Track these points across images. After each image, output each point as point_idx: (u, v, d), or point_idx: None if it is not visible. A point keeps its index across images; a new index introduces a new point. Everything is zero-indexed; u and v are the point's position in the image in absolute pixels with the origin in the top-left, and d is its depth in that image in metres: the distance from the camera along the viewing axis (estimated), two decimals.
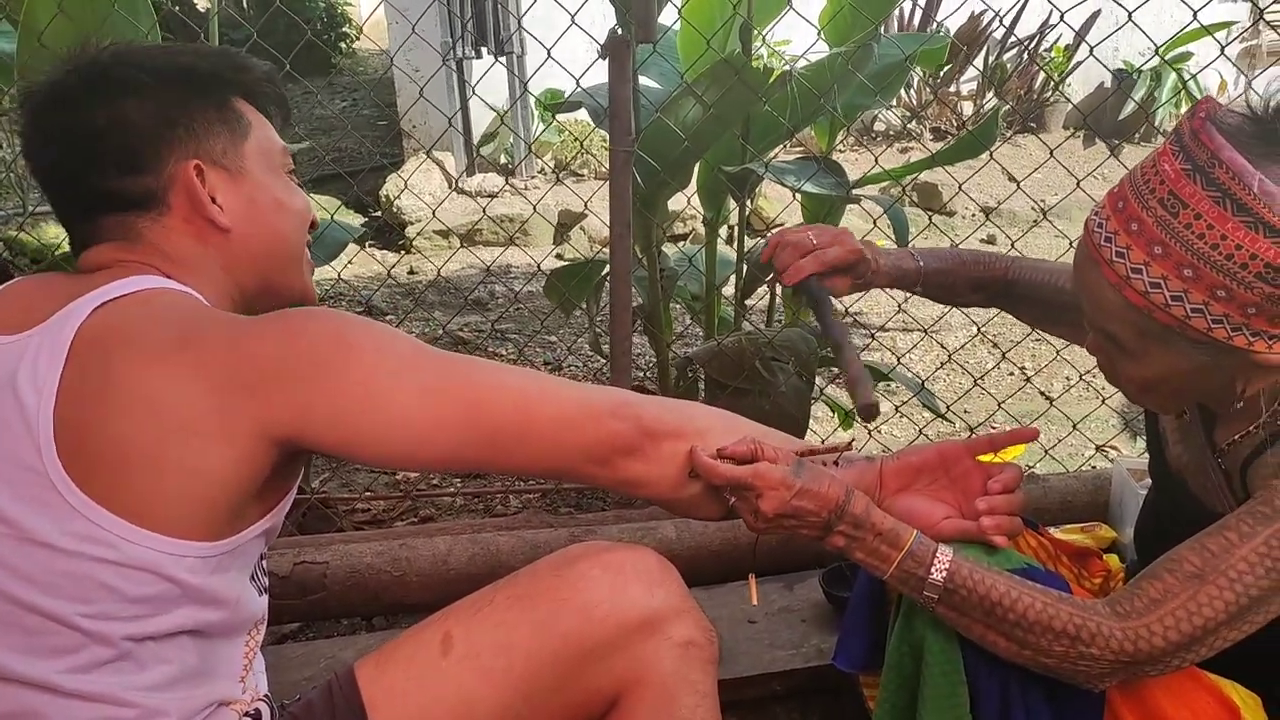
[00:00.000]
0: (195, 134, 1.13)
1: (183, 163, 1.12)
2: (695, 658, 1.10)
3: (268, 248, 1.18)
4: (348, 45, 9.37)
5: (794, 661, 1.73)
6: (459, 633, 1.06)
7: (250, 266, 1.17)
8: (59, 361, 0.97)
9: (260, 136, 1.19)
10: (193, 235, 1.13)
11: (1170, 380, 1.12)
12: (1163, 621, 1.06)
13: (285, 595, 1.85)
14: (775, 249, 1.44)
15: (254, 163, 1.17)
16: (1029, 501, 2.09)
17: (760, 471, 1.11)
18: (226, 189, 1.15)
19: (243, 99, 1.20)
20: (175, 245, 1.12)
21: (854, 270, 1.44)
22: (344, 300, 4.39)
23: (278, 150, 1.22)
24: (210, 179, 1.14)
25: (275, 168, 1.20)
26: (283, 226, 1.19)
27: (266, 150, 1.20)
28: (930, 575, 1.11)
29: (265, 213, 1.17)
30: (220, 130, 1.15)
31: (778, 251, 1.43)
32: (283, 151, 1.23)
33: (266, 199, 1.18)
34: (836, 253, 1.41)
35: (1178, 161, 1.03)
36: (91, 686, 0.95)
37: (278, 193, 1.19)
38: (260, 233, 1.17)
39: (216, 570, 1.01)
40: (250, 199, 1.16)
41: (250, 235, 1.16)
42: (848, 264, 1.42)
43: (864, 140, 6.60)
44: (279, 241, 1.19)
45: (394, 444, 1.03)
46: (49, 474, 0.94)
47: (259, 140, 1.19)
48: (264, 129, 1.21)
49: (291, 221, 1.20)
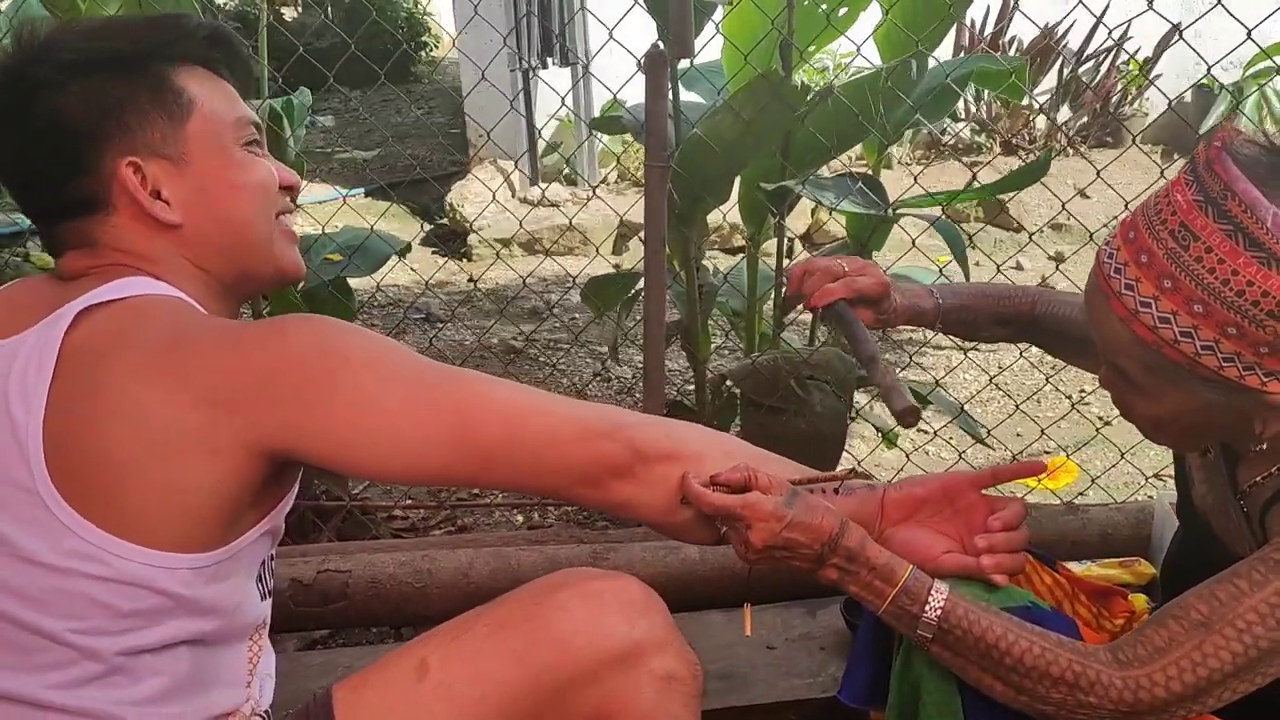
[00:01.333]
0: (128, 126, 1.07)
1: (118, 160, 1.06)
2: (677, 691, 1.07)
3: (228, 235, 1.12)
4: (427, 54, 9.50)
5: (810, 691, 1.70)
6: (435, 660, 1.05)
7: (215, 256, 1.12)
8: (47, 373, 0.97)
9: (206, 113, 1.10)
10: (145, 233, 1.08)
11: (1181, 419, 1.08)
12: (1165, 671, 1.02)
13: (308, 603, 1.87)
14: (803, 275, 1.42)
15: (199, 146, 1.10)
16: (1067, 534, 2.04)
17: (750, 502, 1.09)
18: (172, 180, 1.08)
19: (184, 69, 1.11)
20: (133, 244, 1.08)
21: (878, 305, 1.41)
22: (401, 306, 4.45)
23: (229, 123, 1.12)
24: (152, 172, 1.08)
25: (226, 145, 1.12)
26: (240, 210, 1.12)
27: (214, 129, 1.11)
28: (924, 613, 1.08)
29: (218, 199, 1.10)
30: (156, 116, 1.08)
31: (806, 277, 1.42)
32: (236, 123, 1.13)
33: (217, 184, 1.10)
34: (868, 282, 1.39)
35: (1190, 192, 0.99)
36: (81, 702, 0.96)
37: (229, 174, 1.11)
38: (215, 220, 1.11)
39: (213, 579, 1.01)
40: (199, 188, 1.10)
41: (206, 226, 1.10)
42: (876, 296, 1.40)
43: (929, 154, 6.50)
44: (239, 227, 1.12)
45: (382, 459, 1.02)
46: (39, 491, 0.94)
47: (204, 118, 1.10)
48: (212, 101, 1.11)
49: (250, 203, 1.13)
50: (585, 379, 3.73)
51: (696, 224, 2.35)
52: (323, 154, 6.99)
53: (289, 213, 1.19)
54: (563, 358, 3.96)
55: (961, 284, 1.53)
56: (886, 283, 1.40)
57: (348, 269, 2.32)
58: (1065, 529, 2.03)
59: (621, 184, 6.26)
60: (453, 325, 4.30)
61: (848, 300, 1.39)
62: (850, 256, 1.45)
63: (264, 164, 1.15)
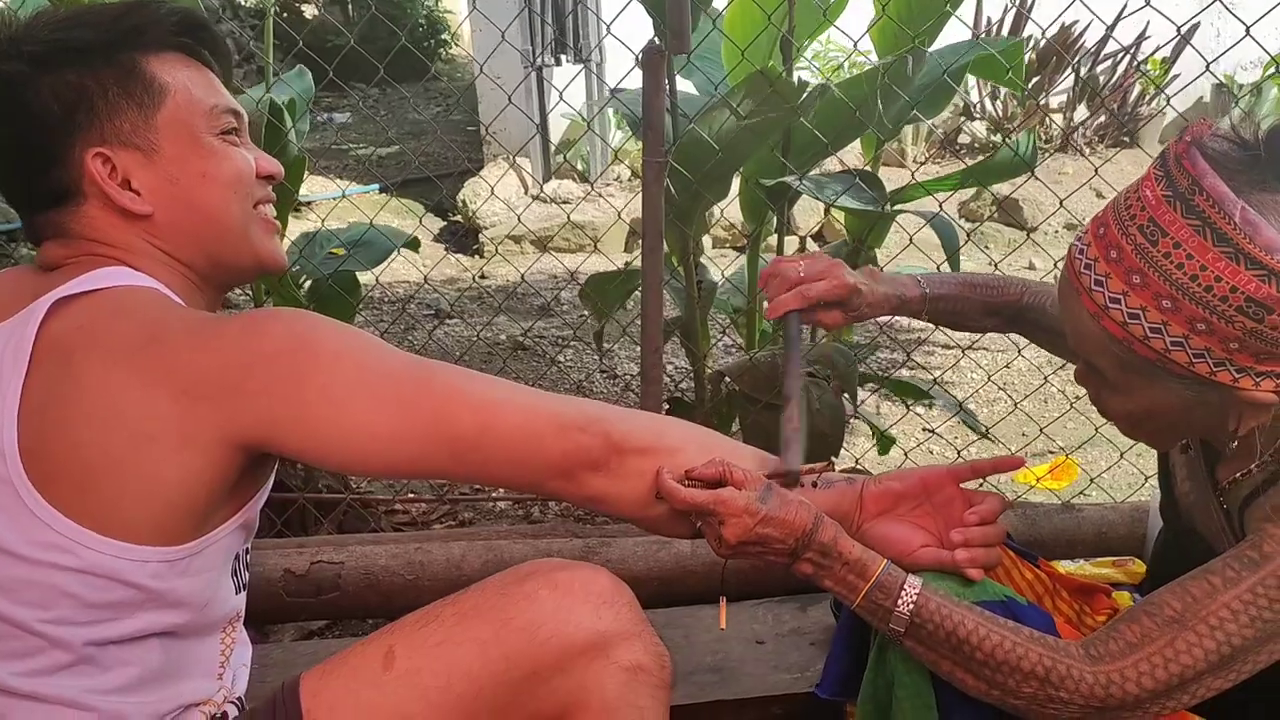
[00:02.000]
0: (96, 117, 1.06)
1: (85, 151, 1.06)
2: (643, 682, 1.06)
3: (200, 226, 1.11)
4: (445, 52, 9.53)
5: (797, 685, 1.70)
6: (401, 648, 1.04)
7: (188, 246, 1.11)
8: (22, 364, 0.97)
9: (178, 102, 1.09)
10: (117, 223, 1.09)
11: (1155, 415, 1.07)
12: (1137, 667, 1.01)
13: (301, 594, 1.89)
14: (767, 279, 1.40)
15: (170, 135, 1.09)
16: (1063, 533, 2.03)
17: (723, 497, 1.09)
18: (142, 170, 1.08)
19: (158, 56, 1.10)
20: (106, 234, 1.08)
21: (845, 304, 1.38)
22: (412, 301, 4.47)
23: (203, 111, 1.11)
24: (122, 162, 1.07)
25: (199, 133, 1.10)
26: (212, 201, 1.11)
27: (186, 117, 1.10)
28: (897, 607, 1.08)
29: (189, 190, 1.10)
30: (126, 106, 1.07)
31: (769, 282, 1.40)
32: (210, 112, 1.11)
33: (188, 174, 1.09)
34: (822, 288, 1.35)
35: (1159, 187, 0.99)
36: (49, 689, 0.97)
37: (202, 164, 1.10)
38: (186, 211, 1.10)
39: (185, 572, 1.02)
40: (170, 178, 1.09)
41: (177, 216, 1.09)
42: (836, 299, 1.36)
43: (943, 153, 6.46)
44: (211, 217, 1.11)
45: (354, 451, 1.02)
46: (13, 480, 0.95)
47: (176, 107, 1.09)
48: (186, 90, 1.10)
49: (222, 192, 1.11)
50: (589, 374, 3.73)
51: (696, 220, 2.35)
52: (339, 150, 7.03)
53: (268, 202, 1.18)
54: (571, 355, 3.98)
55: (949, 274, 1.52)
56: (846, 283, 1.36)
57: (349, 263, 2.33)
58: (1061, 527, 2.02)
59: (634, 181, 6.26)
60: (462, 321, 4.31)
61: (804, 309, 1.35)
62: (815, 256, 1.41)
63: (239, 153, 1.14)
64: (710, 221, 3.98)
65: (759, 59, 2.22)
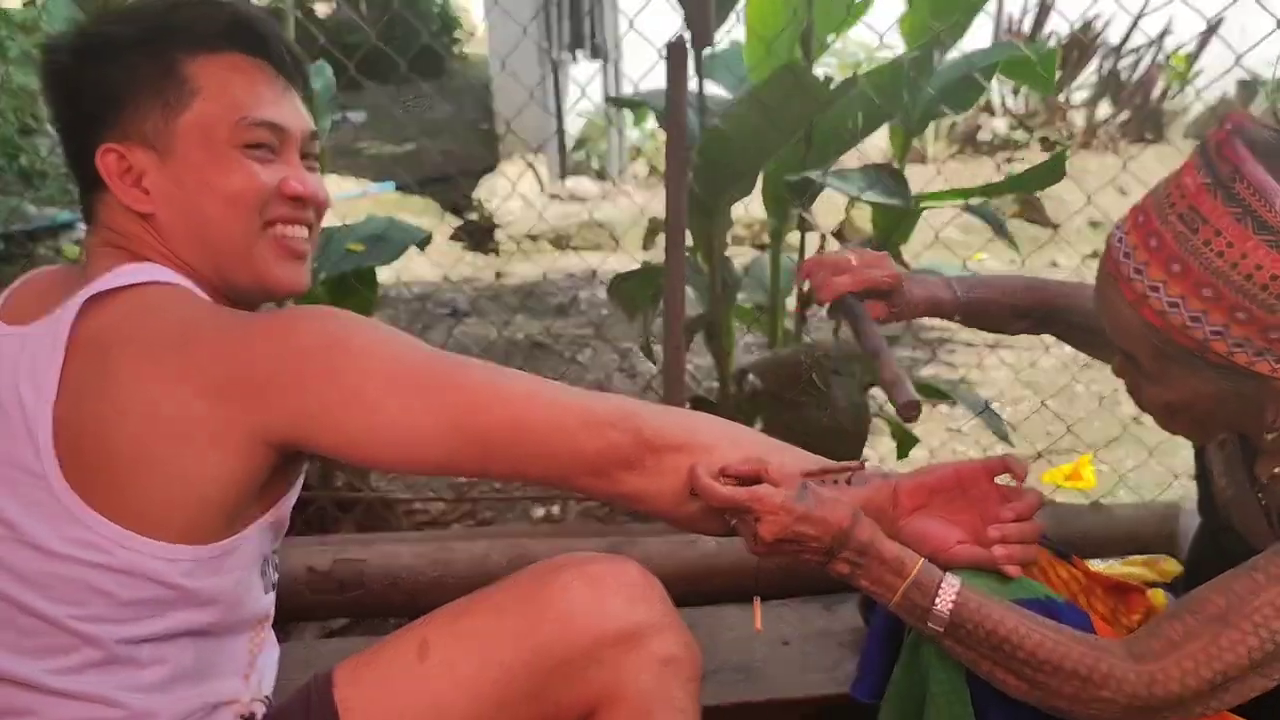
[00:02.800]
0: (122, 113, 1.07)
1: (102, 144, 1.07)
2: (675, 674, 1.07)
3: (195, 234, 1.09)
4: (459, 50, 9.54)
5: (825, 687, 1.68)
6: (436, 639, 1.05)
7: (188, 252, 1.09)
8: (58, 360, 0.98)
9: (206, 107, 1.07)
10: (128, 217, 1.09)
11: (1194, 406, 1.06)
12: (1180, 665, 0.99)
13: (325, 591, 1.88)
14: (811, 271, 1.41)
15: (187, 140, 1.07)
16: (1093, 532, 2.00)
17: (759, 495, 1.07)
18: (154, 170, 1.08)
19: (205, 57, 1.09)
20: (123, 226, 1.09)
21: (890, 298, 1.39)
22: (428, 300, 4.47)
23: (229, 121, 1.08)
24: (138, 160, 1.07)
25: (216, 142, 1.08)
26: (210, 212, 1.08)
27: (209, 123, 1.07)
28: (935, 606, 1.06)
29: (191, 197, 1.08)
30: (153, 105, 1.07)
31: (815, 271, 1.40)
32: (238, 122, 1.08)
33: (193, 181, 1.08)
34: (877, 275, 1.37)
35: (1200, 175, 0.98)
36: (80, 687, 0.97)
37: (208, 173, 1.07)
38: (184, 218, 1.08)
39: (216, 571, 1.02)
40: (177, 182, 1.08)
41: (174, 221, 1.08)
42: (886, 288, 1.38)
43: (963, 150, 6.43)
44: (206, 228, 1.09)
45: (385, 449, 1.02)
46: (48, 478, 0.96)
47: (201, 112, 1.07)
48: (219, 96, 1.08)
49: (220, 207, 1.08)
50: (609, 374, 3.72)
51: (720, 216, 2.33)
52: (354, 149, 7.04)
53: (290, 223, 1.13)
54: (590, 354, 3.97)
55: (982, 275, 1.51)
56: (897, 275, 1.38)
57: (368, 258, 2.33)
58: (1091, 527, 2.00)
59: (651, 179, 6.25)
60: (479, 319, 4.31)
61: (857, 294, 1.38)
62: (861, 249, 1.43)
63: (253, 168, 1.09)
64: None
65: (781, 54, 2.20)
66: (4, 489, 0.97)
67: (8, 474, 0.97)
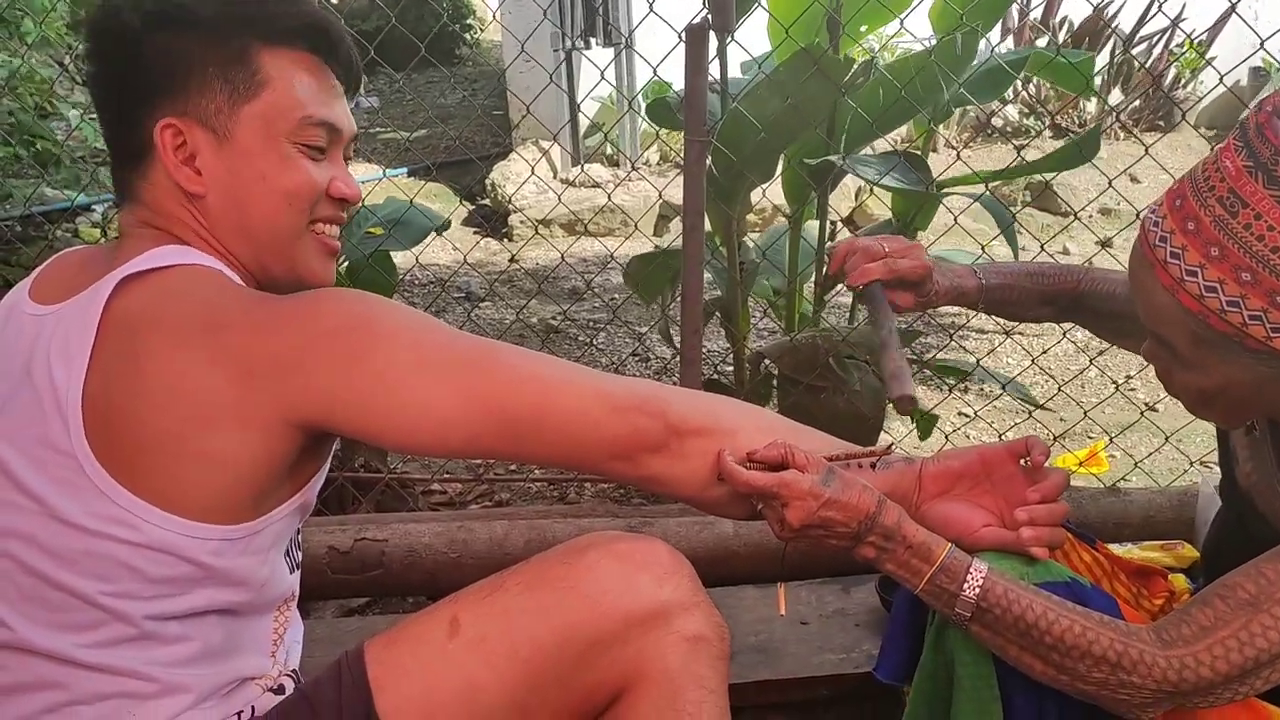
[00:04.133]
0: (186, 88, 1.06)
1: (161, 119, 1.06)
2: (703, 652, 1.07)
3: (244, 224, 1.10)
4: (472, 37, 9.52)
5: (843, 666, 1.69)
6: (467, 617, 1.05)
7: (232, 239, 1.10)
8: (89, 340, 0.98)
9: (272, 100, 1.08)
10: (174, 196, 1.08)
11: (1229, 392, 1.05)
12: (1211, 651, 0.99)
13: (345, 570, 1.89)
14: (846, 254, 1.41)
15: (248, 129, 1.07)
16: (1110, 516, 2.01)
17: (786, 480, 1.07)
18: (209, 153, 1.07)
19: (278, 51, 1.09)
20: (164, 204, 1.09)
21: (919, 287, 1.40)
22: (442, 285, 4.47)
23: (293, 119, 1.09)
24: (194, 139, 1.07)
25: (276, 137, 1.08)
26: (262, 205, 1.09)
27: (273, 117, 1.08)
28: (963, 592, 1.06)
29: (244, 185, 1.08)
30: (219, 87, 1.06)
31: (849, 256, 1.41)
32: (301, 121, 1.09)
33: (248, 170, 1.08)
34: (907, 264, 1.37)
35: (1240, 158, 0.96)
36: (112, 660, 0.98)
37: (264, 165, 1.08)
38: (234, 205, 1.09)
39: (245, 552, 1.02)
40: (231, 168, 1.08)
41: (225, 207, 1.09)
42: (916, 278, 1.38)
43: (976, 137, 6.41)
44: (255, 220, 1.10)
45: (412, 431, 1.02)
46: (77, 456, 0.96)
47: (267, 105, 1.08)
48: (288, 92, 1.08)
49: (273, 201, 1.09)
50: (623, 358, 3.73)
51: (738, 201, 2.34)
52: (367, 134, 7.04)
53: (332, 223, 1.16)
54: (603, 338, 3.97)
55: (1005, 263, 1.50)
56: (928, 265, 1.38)
57: (388, 242, 2.33)
58: (1107, 511, 2.00)
59: (664, 165, 6.24)
60: (493, 304, 4.32)
61: (886, 282, 1.38)
62: (894, 237, 1.43)
63: (309, 167, 1.11)
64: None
65: (804, 37, 2.20)
66: (35, 467, 0.98)
67: (39, 452, 0.98)
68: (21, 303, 1.09)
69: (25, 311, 1.07)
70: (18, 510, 0.98)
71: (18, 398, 1.01)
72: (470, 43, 9.52)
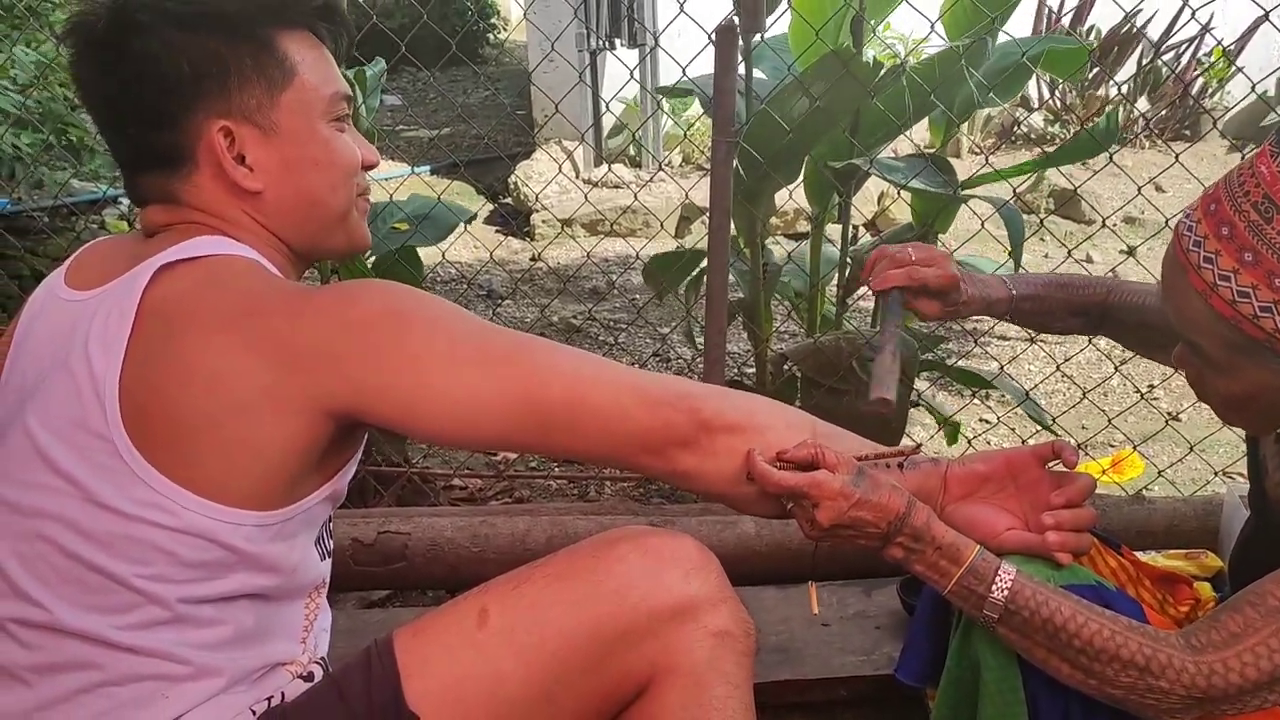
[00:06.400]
0: (227, 88, 1.06)
1: (210, 120, 1.06)
2: (730, 648, 1.07)
3: (304, 209, 1.12)
4: (495, 36, 9.56)
5: (863, 668, 1.69)
6: (495, 608, 1.05)
7: (289, 226, 1.13)
8: (126, 326, 0.99)
9: (304, 83, 1.10)
10: (225, 195, 1.09)
11: (1260, 398, 1.05)
12: (1240, 658, 0.99)
13: (369, 562, 1.90)
14: (875, 260, 1.41)
15: (290, 117, 1.09)
16: (1133, 524, 2.00)
17: (818, 480, 1.07)
18: (258, 147, 1.09)
19: (291, 34, 1.10)
20: (211, 204, 1.09)
21: (945, 297, 1.38)
22: (464, 282, 4.49)
23: (324, 98, 1.11)
24: (241, 136, 1.08)
25: (314, 119, 1.11)
26: (319, 187, 1.12)
27: (308, 100, 1.10)
28: (991, 594, 1.06)
29: (299, 173, 1.11)
30: (255, 81, 1.07)
31: (877, 260, 1.40)
32: (331, 99, 1.12)
33: (301, 158, 1.10)
34: (932, 273, 1.36)
35: (1275, 164, 0.96)
36: (146, 642, 0.99)
37: (314, 150, 1.11)
38: (294, 194, 1.11)
39: (276, 538, 1.03)
40: (283, 159, 1.10)
41: (284, 197, 1.11)
42: (941, 287, 1.37)
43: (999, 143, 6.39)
44: (316, 202, 1.13)
45: (443, 423, 1.03)
46: (114, 441, 0.97)
47: (300, 89, 1.10)
48: (312, 72, 1.11)
49: (329, 180, 1.12)
50: (645, 358, 3.73)
51: (763, 202, 2.34)
52: (390, 132, 7.07)
53: (366, 191, 1.20)
54: (624, 336, 3.98)
55: (1035, 274, 1.50)
56: (954, 276, 1.37)
57: (415, 238, 2.34)
58: (1131, 519, 2.00)
59: (686, 167, 6.25)
60: (514, 302, 4.33)
61: (910, 289, 1.37)
62: (924, 245, 1.42)
63: (349, 143, 1.15)
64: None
65: (829, 40, 2.20)
66: (73, 452, 0.99)
67: (77, 437, 0.99)
68: (57, 288, 1.10)
69: (61, 297, 1.09)
70: (55, 493, 0.99)
71: (52, 381, 1.02)
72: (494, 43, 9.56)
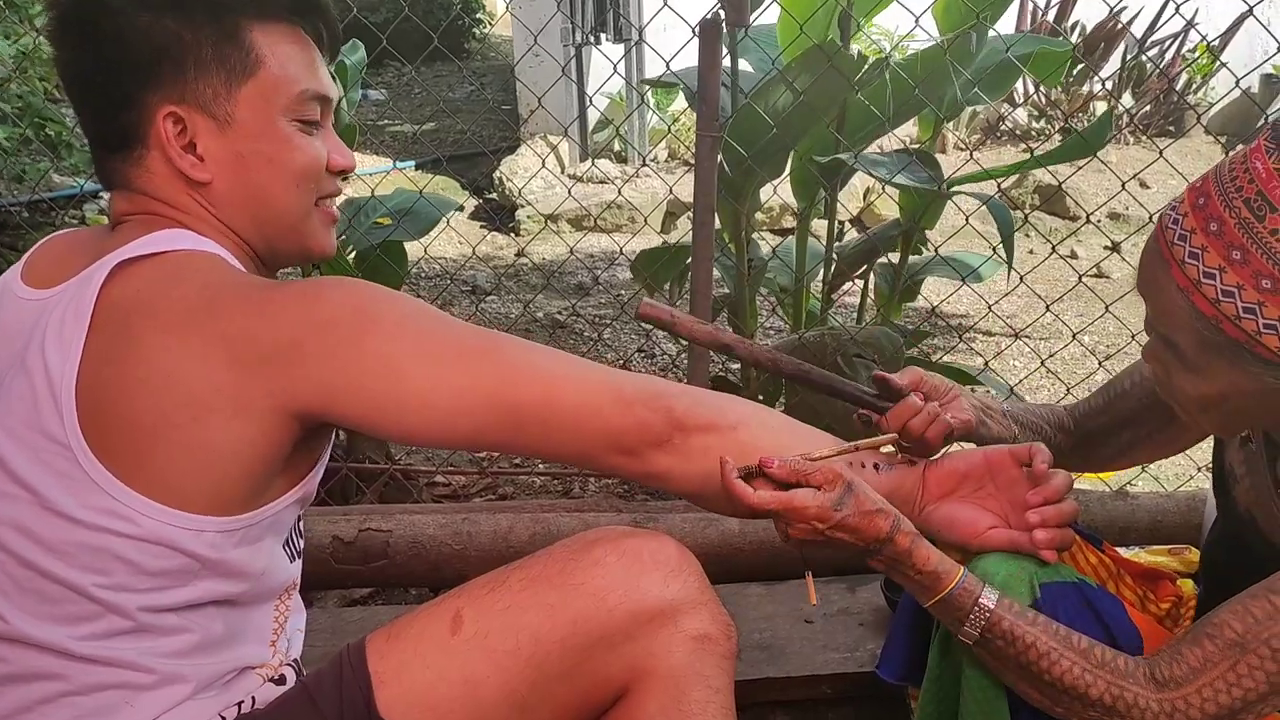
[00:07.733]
0: (182, 72, 1.02)
1: (162, 105, 1.03)
2: (710, 651, 1.05)
3: (254, 206, 1.08)
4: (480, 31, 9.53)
5: (846, 665, 1.69)
6: (469, 612, 1.03)
7: (241, 222, 1.08)
8: (83, 326, 0.96)
9: (267, 79, 1.05)
10: (176, 182, 1.05)
11: (1231, 400, 1.02)
12: (1200, 694, 0.99)
13: (349, 560, 1.89)
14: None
15: (248, 111, 1.05)
16: (1116, 520, 2.00)
17: (795, 505, 1.04)
18: (210, 138, 1.05)
19: (266, 25, 1.06)
20: (164, 191, 1.06)
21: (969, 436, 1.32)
22: (449, 278, 4.47)
23: (290, 95, 1.07)
24: (193, 124, 1.04)
25: (275, 116, 1.06)
26: (272, 187, 1.08)
27: (271, 95, 1.06)
28: (967, 624, 1.05)
29: (251, 169, 1.06)
30: (214, 70, 1.03)
31: None
32: (298, 96, 1.07)
33: (254, 153, 1.06)
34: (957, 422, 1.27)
35: (1271, 160, 0.94)
36: (108, 652, 0.96)
37: (268, 146, 1.06)
38: (244, 189, 1.07)
39: (241, 543, 1.01)
40: (236, 152, 1.05)
41: (233, 190, 1.06)
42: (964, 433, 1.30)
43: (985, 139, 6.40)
44: (267, 202, 1.08)
45: (413, 422, 1.00)
46: (71, 445, 0.94)
47: (262, 84, 1.05)
48: (281, 68, 1.06)
49: (283, 182, 1.08)
50: (630, 354, 3.72)
51: (748, 197, 2.33)
52: (374, 126, 7.04)
53: (333, 195, 1.15)
54: (609, 332, 3.96)
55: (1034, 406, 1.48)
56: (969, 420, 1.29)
57: (397, 233, 2.32)
58: (1114, 514, 2.00)
59: (671, 162, 6.24)
60: (499, 298, 4.31)
61: None
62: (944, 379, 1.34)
63: (312, 145, 1.10)
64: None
65: (816, 35, 2.19)
66: (29, 455, 0.95)
67: (33, 440, 0.95)
68: (14, 286, 1.06)
69: (18, 295, 1.05)
70: (12, 500, 0.96)
71: (12, 383, 0.99)
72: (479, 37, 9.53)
